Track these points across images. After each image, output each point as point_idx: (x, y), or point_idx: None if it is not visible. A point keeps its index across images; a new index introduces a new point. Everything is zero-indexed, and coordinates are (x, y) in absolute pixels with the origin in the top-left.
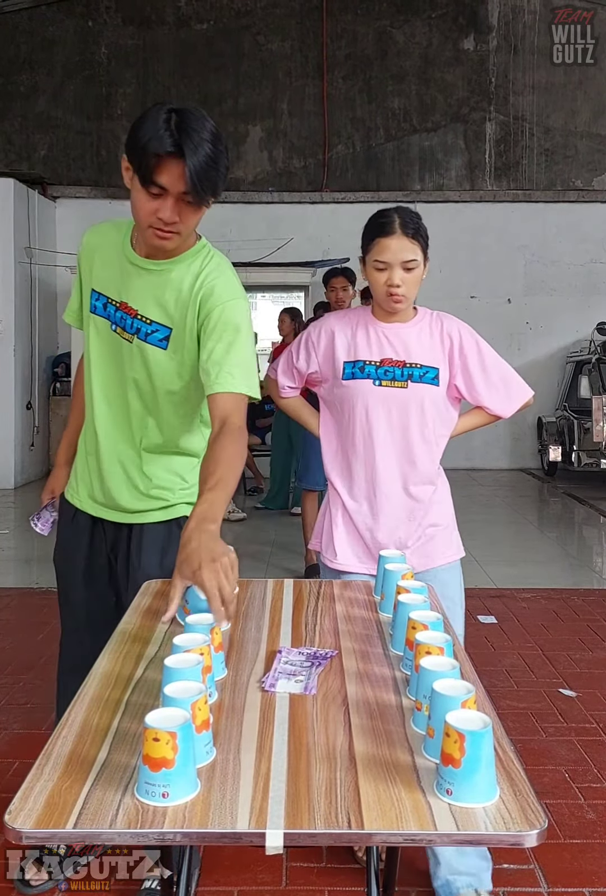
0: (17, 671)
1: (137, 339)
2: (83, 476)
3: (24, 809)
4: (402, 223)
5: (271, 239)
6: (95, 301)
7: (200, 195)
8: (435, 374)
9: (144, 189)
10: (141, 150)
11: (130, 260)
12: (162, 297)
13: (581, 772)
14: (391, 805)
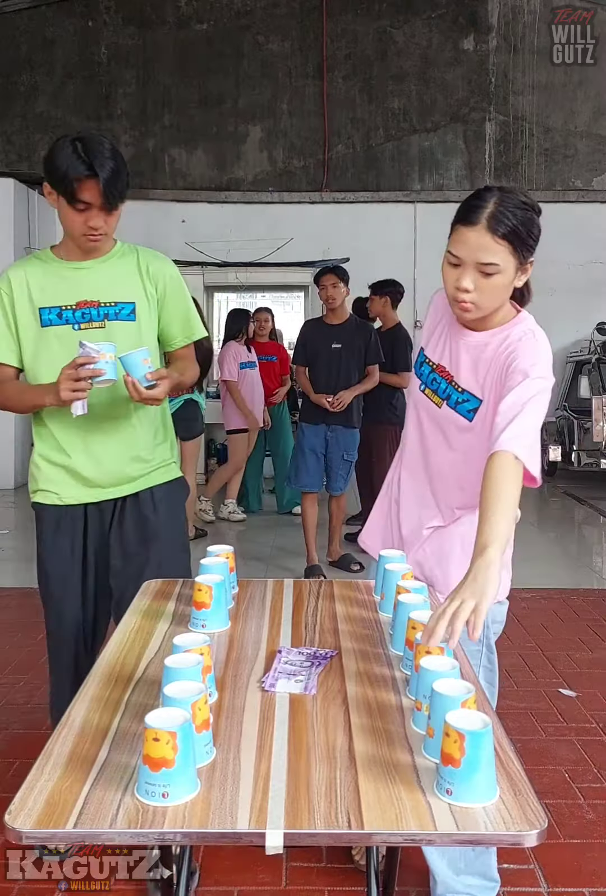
0: (16, 671)
1: (107, 321)
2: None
3: (25, 809)
4: (493, 215)
5: (270, 239)
6: (48, 315)
7: (114, 202)
8: (474, 406)
9: (71, 207)
10: (62, 178)
11: (69, 268)
12: (111, 282)
13: (581, 771)
14: (390, 805)
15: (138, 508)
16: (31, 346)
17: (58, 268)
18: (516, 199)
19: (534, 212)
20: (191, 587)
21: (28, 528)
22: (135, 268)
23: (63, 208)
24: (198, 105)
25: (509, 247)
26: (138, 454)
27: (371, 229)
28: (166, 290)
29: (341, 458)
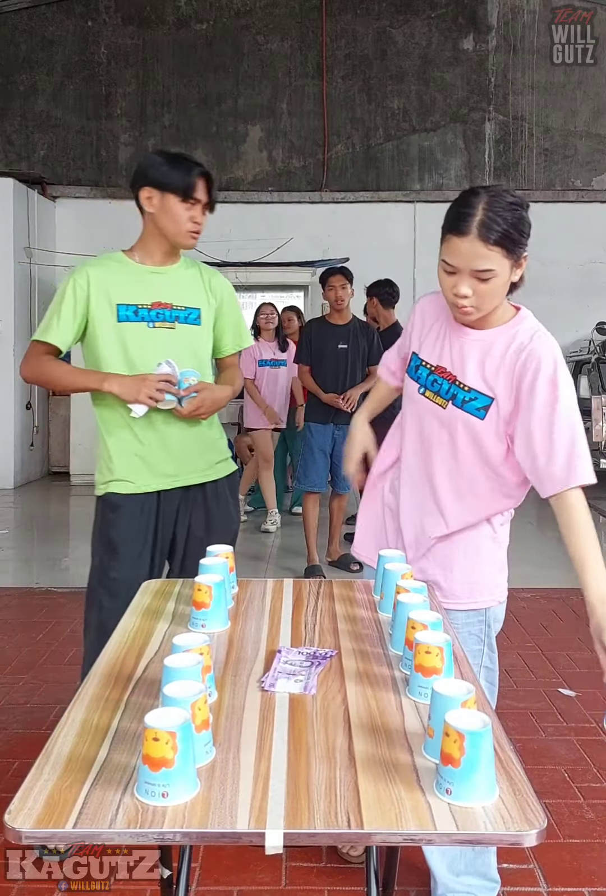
0: (16, 671)
1: (178, 323)
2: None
3: (24, 809)
4: (483, 223)
5: (270, 238)
6: (125, 312)
7: (214, 206)
8: (485, 404)
9: (183, 203)
10: (184, 176)
11: (146, 271)
12: (182, 289)
13: (581, 771)
14: (390, 805)
15: (204, 499)
16: (106, 337)
17: (136, 269)
18: (503, 200)
19: (523, 208)
20: (191, 587)
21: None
22: (199, 279)
23: (171, 207)
24: (197, 105)
25: (502, 251)
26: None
27: (371, 229)
28: (223, 302)
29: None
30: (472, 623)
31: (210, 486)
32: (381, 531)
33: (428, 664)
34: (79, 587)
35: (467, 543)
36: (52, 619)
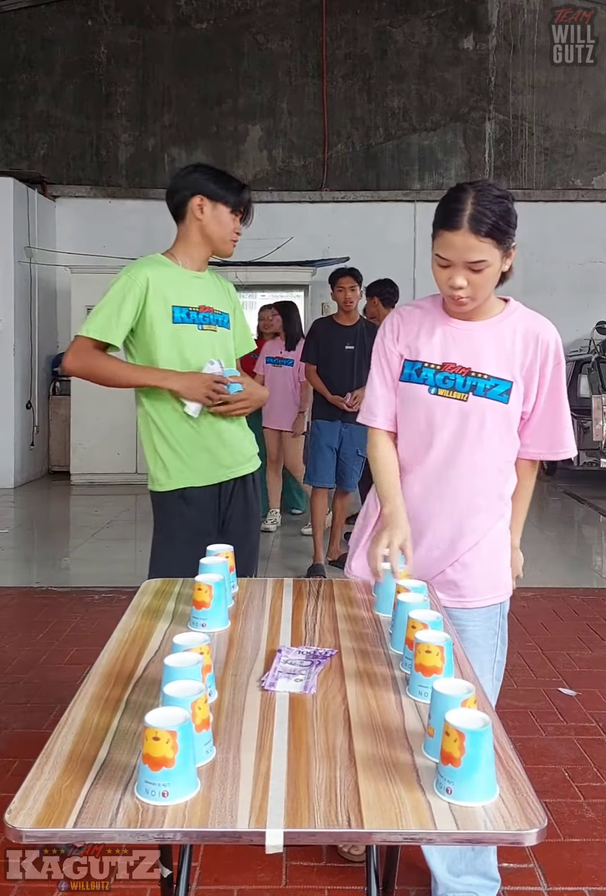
0: (16, 670)
1: (219, 326)
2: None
3: (24, 808)
4: (473, 216)
5: (270, 238)
6: (180, 314)
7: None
8: (507, 388)
9: (231, 213)
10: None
11: (190, 276)
12: (216, 294)
13: (581, 770)
14: (390, 804)
15: (245, 489)
16: (161, 337)
17: (183, 273)
18: (490, 194)
19: (508, 200)
20: (191, 586)
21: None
22: (220, 285)
23: (221, 216)
24: (197, 104)
25: (492, 241)
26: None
27: (371, 228)
28: (236, 308)
29: (356, 454)
30: (492, 617)
31: (249, 478)
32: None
33: (428, 663)
34: (79, 586)
35: (490, 542)
36: (52, 618)
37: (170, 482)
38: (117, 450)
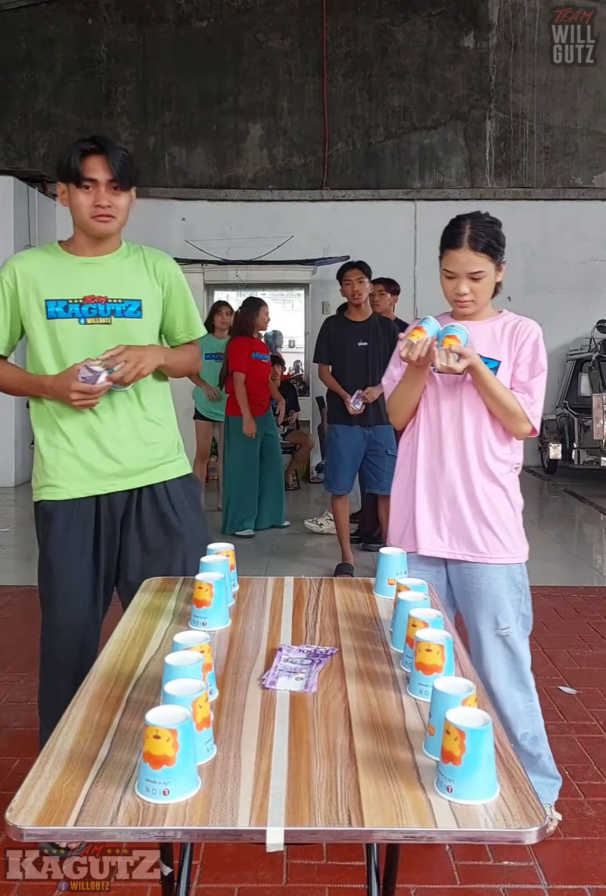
0: (17, 669)
1: (114, 317)
2: (62, 467)
3: (25, 807)
4: (471, 237)
5: (271, 237)
6: (54, 308)
7: (123, 179)
8: (494, 366)
9: (78, 189)
10: (68, 160)
11: (77, 262)
12: (120, 279)
13: (581, 769)
14: (391, 802)
15: (155, 503)
16: (37, 336)
17: (65, 261)
18: (483, 221)
19: (497, 225)
20: (191, 585)
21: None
22: (142, 266)
23: (73, 196)
24: (198, 103)
25: (487, 256)
26: (143, 439)
27: (371, 227)
28: (171, 289)
29: (386, 454)
30: (513, 575)
31: (159, 489)
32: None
33: (429, 662)
34: None
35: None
36: None
37: (36, 493)
38: None
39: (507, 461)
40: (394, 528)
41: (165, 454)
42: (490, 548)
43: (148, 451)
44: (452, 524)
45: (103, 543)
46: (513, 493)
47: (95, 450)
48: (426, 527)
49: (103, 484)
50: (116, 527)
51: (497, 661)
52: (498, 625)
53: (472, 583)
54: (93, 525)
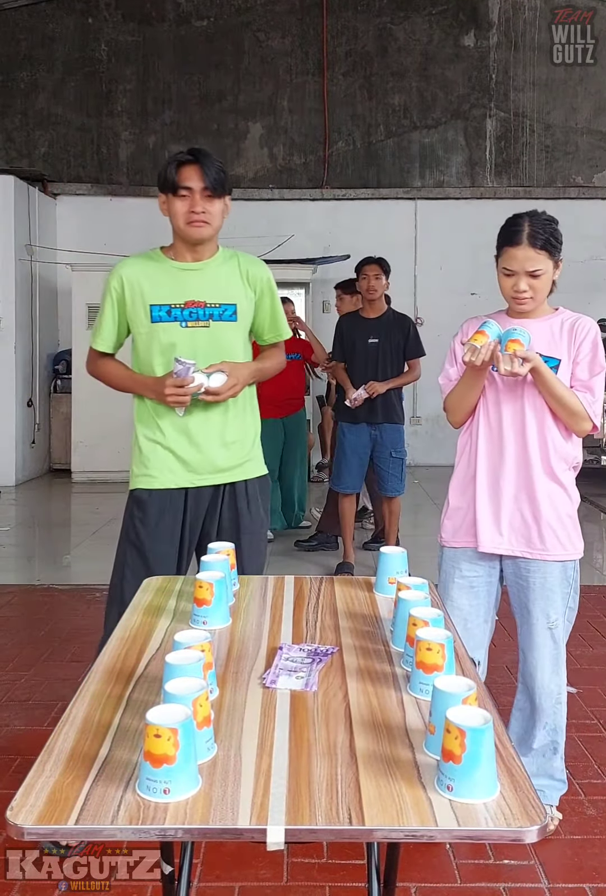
0: (18, 668)
1: (212, 321)
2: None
3: (26, 806)
4: (530, 234)
5: (271, 236)
6: (158, 312)
7: (217, 188)
8: (555, 364)
9: (175, 198)
10: (166, 171)
11: (180, 269)
12: (217, 284)
13: (582, 768)
14: (391, 801)
15: (234, 500)
16: (144, 339)
17: (168, 267)
18: (541, 218)
19: (555, 223)
20: (192, 584)
21: (29, 525)
22: (236, 271)
23: (171, 205)
24: (198, 102)
25: (546, 254)
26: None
27: (372, 226)
28: (263, 293)
29: (390, 456)
30: (567, 569)
31: (240, 487)
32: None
33: (429, 661)
34: (80, 584)
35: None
36: (53, 616)
37: (132, 482)
38: (118, 448)
39: (568, 460)
40: (448, 524)
41: (248, 453)
42: (549, 545)
43: (233, 450)
44: (512, 521)
45: (188, 531)
46: (573, 490)
47: (188, 447)
48: (487, 525)
49: (193, 478)
50: (199, 518)
51: (545, 652)
52: (549, 618)
53: (528, 577)
54: (182, 514)
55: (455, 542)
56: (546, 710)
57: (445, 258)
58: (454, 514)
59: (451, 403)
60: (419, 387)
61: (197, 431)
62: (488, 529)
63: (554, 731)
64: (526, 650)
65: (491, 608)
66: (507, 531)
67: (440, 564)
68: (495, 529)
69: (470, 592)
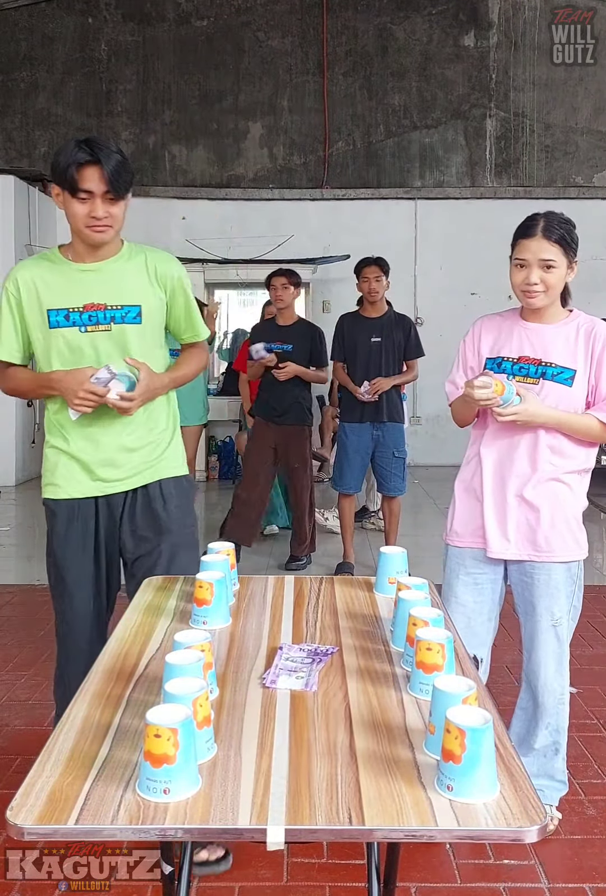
0: (18, 668)
1: (114, 324)
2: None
3: (26, 805)
4: (545, 227)
5: (271, 236)
6: (55, 317)
7: (117, 189)
8: (570, 375)
9: (74, 199)
10: (65, 168)
11: (76, 270)
12: (120, 285)
13: (582, 767)
14: (391, 801)
15: (148, 502)
16: (41, 345)
17: (66, 269)
18: (558, 217)
19: (572, 225)
20: (192, 584)
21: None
22: (143, 269)
23: (68, 204)
24: (198, 102)
25: (560, 248)
26: (138, 444)
27: (372, 226)
28: (174, 291)
29: (392, 456)
30: (571, 568)
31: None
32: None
33: (429, 661)
34: None
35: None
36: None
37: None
38: None
39: (578, 466)
40: (458, 525)
41: (160, 455)
42: (554, 547)
43: (144, 454)
44: (519, 525)
45: (103, 542)
46: (581, 495)
47: (93, 453)
48: (494, 530)
49: (101, 486)
50: (115, 525)
51: (548, 650)
52: (553, 615)
53: (533, 575)
54: (93, 523)
55: (461, 542)
56: (548, 710)
57: (445, 258)
58: (461, 514)
59: (455, 411)
60: (419, 387)
61: (102, 438)
62: (495, 535)
63: (556, 731)
64: (530, 647)
65: (495, 606)
66: (514, 535)
67: (445, 562)
68: (502, 535)
69: (475, 590)
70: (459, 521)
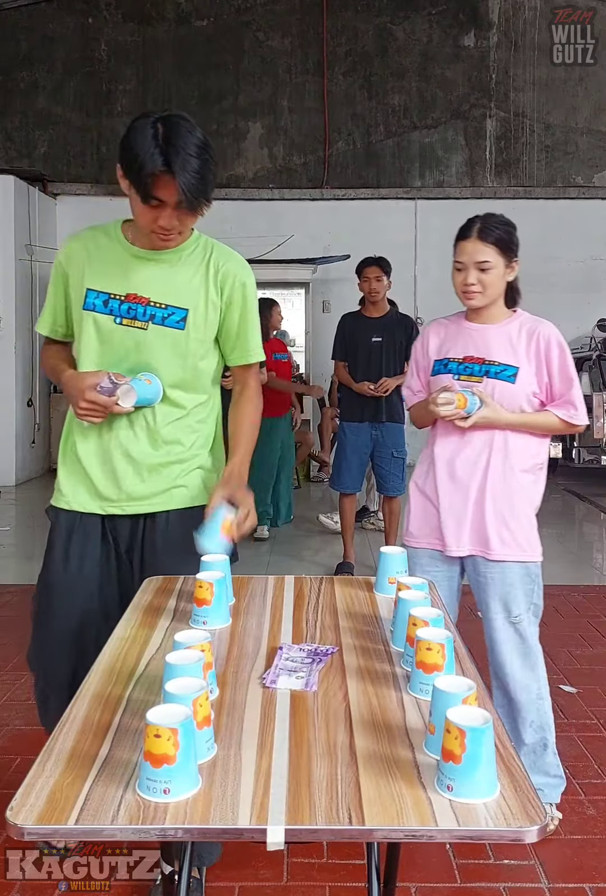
0: (18, 668)
1: (152, 324)
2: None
3: (26, 805)
4: (481, 229)
5: (271, 236)
6: (94, 299)
7: (194, 205)
8: (513, 372)
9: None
10: (137, 171)
11: (131, 254)
12: (172, 281)
13: (582, 767)
14: (391, 801)
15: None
16: (77, 326)
17: (119, 248)
18: (496, 218)
19: (511, 227)
20: (192, 584)
21: (29, 525)
22: (203, 267)
23: (134, 200)
24: (198, 102)
25: (496, 249)
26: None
27: (372, 226)
28: (232, 301)
29: (391, 456)
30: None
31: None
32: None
33: (429, 661)
34: None
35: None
36: None
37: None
38: None
39: (531, 463)
40: (413, 527)
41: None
42: (507, 546)
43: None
44: (473, 523)
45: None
46: (535, 493)
47: (100, 471)
48: (448, 529)
49: (104, 505)
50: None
51: (510, 647)
52: (511, 613)
53: (486, 573)
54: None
55: (417, 543)
56: (524, 705)
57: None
58: (416, 515)
59: (414, 415)
60: None
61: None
62: (450, 534)
63: (541, 728)
64: (491, 644)
65: (453, 602)
66: (468, 533)
67: None
68: (456, 533)
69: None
70: (414, 523)
